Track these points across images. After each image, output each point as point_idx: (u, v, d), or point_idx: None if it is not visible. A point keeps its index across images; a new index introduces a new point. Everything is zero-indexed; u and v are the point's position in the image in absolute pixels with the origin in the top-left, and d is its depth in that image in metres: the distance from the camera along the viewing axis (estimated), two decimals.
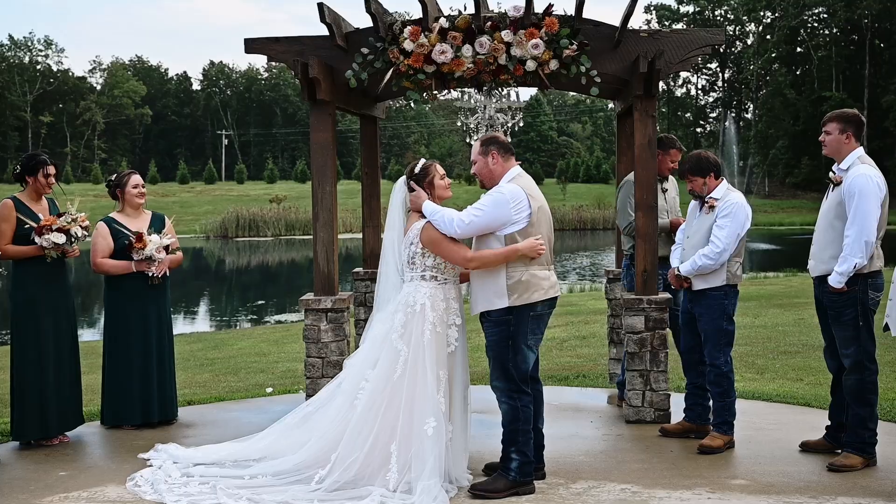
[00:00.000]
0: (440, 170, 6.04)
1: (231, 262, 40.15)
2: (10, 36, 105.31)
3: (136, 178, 7.80)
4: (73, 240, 7.08)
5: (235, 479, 5.88)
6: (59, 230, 6.99)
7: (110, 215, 7.69)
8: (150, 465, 6.33)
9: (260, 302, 25.53)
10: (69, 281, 7.39)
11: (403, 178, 6.10)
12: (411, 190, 5.97)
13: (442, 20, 7.25)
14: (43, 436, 7.09)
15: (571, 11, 7.25)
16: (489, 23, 7.23)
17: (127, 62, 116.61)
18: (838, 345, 6.26)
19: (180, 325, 20.50)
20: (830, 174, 6.30)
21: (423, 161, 6.08)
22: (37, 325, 7.05)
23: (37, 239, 6.96)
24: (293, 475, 5.83)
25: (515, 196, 5.72)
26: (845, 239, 6.01)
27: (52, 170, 7.22)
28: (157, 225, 7.76)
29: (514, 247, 5.67)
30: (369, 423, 5.74)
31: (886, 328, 5.99)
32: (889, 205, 6.24)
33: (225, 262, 40.83)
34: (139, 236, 7.45)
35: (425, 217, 5.84)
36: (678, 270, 6.79)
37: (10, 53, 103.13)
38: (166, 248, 7.57)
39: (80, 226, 7.12)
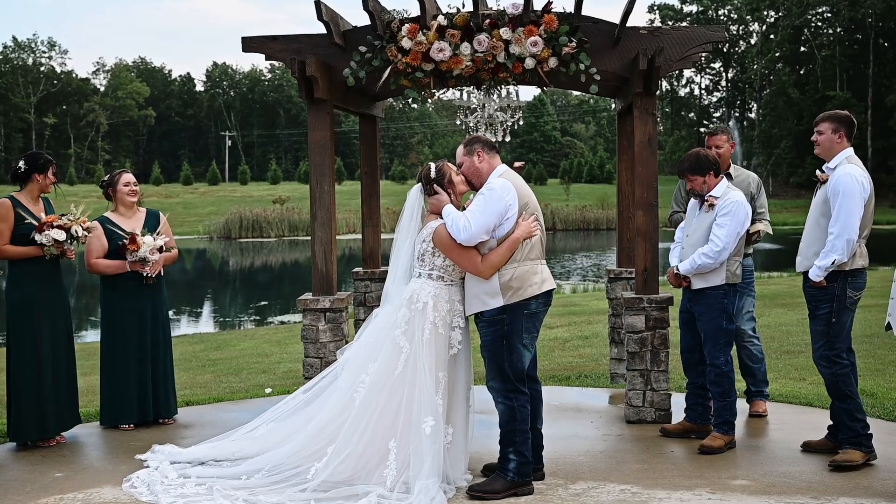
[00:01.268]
0: (453, 166, 6.00)
1: (234, 263, 40.13)
2: (13, 38, 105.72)
3: (128, 177, 7.77)
4: (72, 239, 7.05)
5: (232, 480, 5.84)
6: (59, 227, 6.98)
7: (104, 215, 7.67)
8: (147, 467, 6.29)
9: (263, 302, 25.50)
10: (64, 281, 7.35)
11: (419, 185, 6.01)
12: (434, 193, 5.90)
13: (440, 18, 7.20)
14: (41, 436, 7.06)
15: (571, 9, 7.21)
16: (487, 20, 7.19)
17: (130, 63, 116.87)
18: (811, 338, 6.33)
19: (184, 326, 20.52)
20: (818, 172, 6.36)
21: (434, 164, 6.02)
22: (33, 326, 7.02)
23: (37, 236, 6.94)
24: (289, 469, 5.80)
25: (506, 188, 5.70)
26: (829, 236, 6.07)
27: (54, 168, 7.25)
28: (151, 223, 7.73)
29: (511, 237, 5.64)
30: (368, 418, 5.71)
31: (889, 328, 5.95)
32: (888, 204, 6.24)
33: (228, 262, 40.82)
34: (132, 238, 7.43)
35: (443, 218, 5.79)
36: (677, 269, 6.75)
37: (13, 55, 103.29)
38: (160, 248, 7.54)
39: (81, 226, 7.10)
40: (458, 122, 8.20)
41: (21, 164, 7.19)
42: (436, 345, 5.73)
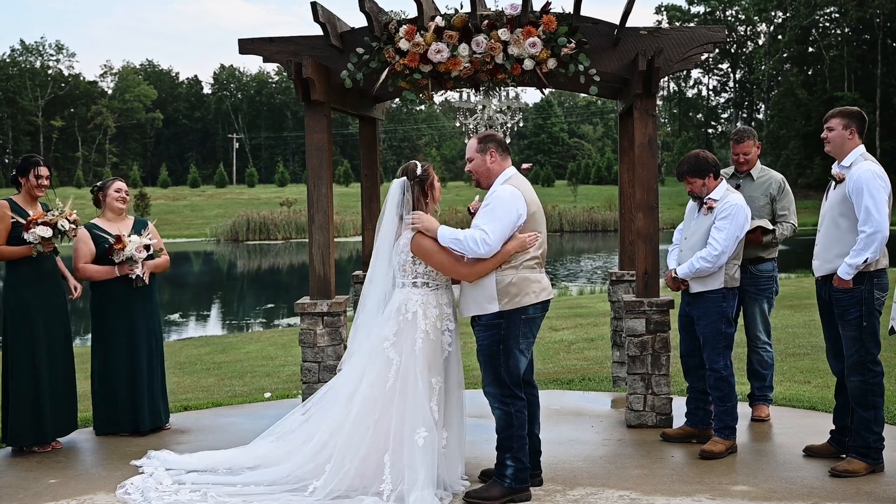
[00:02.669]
0: (436, 174, 5.93)
1: (242, 266, 40.14)
2: (21, 41, 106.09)
3: (120, 184, 7.76)
4: (59, 234, 7.03)
5: (227, 487, 5.79)
6: (45, 223, 6.95)
7: (92, 221, 7.63)
8: (142, 473, 6.24)
9: (270, 305, 25.47)
10: (61, 284, 7.31)
11: (403, 179, 5.86)
12: (422, 193, 5.75)
13: (438, 19, 7.14)
14: (38, 441, 7.01)
15: (570, 9, 7.14)
16: (486, 21, 7.12)
17: (138, 66, 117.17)
18: (843, 344, 6.13)
19: (190, 329, 20.51)
20: (833, 171, 6.17)
21: (421, 164, 5.93)
22: (30, 330, 6.99)
23: (24, 235, 6.93)
24: (288, 485, 5.73)
25: (516, 197, 5.60)
26: (860, 234, 5.87)
27: (43, 171, 7.16)
28: (138, 228, 7.68)
29: (504, 248, 5.53)
30: (363, 434, 5.63)
31: (892, 331, 5.84)
32: None
33: (236, 265, 40.83)
34: (118, 238, 7.38)
35: (441, 241, 5.60)
36: (675, 272, 6.67)
37: (21, 58, 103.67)
38: (147, 247, 7.49)
39: (67, 219, 7.07)
40: (458, 124, 8.13)
41: (13, 168, 7.25)
42: (430, 352, 5.64)
